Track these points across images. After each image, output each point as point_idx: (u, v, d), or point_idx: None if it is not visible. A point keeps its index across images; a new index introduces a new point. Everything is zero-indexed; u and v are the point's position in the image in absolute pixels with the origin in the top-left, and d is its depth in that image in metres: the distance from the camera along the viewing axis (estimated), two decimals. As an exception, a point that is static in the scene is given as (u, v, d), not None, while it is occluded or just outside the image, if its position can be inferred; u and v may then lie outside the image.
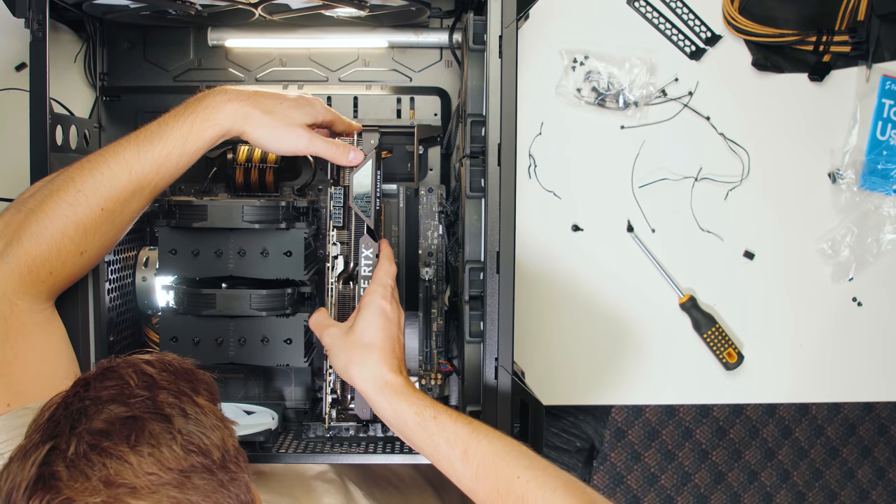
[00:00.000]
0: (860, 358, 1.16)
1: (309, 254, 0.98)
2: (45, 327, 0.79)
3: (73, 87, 1.08)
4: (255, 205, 0.92)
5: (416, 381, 1.04)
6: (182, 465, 0.54)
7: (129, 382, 0.57)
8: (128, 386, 0.57)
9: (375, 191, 0.94)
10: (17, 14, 0.86)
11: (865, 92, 1.12)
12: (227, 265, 0.94)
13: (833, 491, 2.19)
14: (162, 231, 0.94)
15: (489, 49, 0.85)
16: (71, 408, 0.56)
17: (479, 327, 0.87)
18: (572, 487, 0.69)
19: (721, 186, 1.13)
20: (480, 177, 0.87)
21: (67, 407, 0.56)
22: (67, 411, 0.56)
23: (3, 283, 0.75)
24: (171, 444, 0.54)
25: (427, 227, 1.05)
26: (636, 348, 1.14)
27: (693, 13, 1.12)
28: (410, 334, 1.01)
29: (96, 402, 0.56)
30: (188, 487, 0.54)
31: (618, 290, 1.13)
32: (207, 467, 0.55)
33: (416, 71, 1.09)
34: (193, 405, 0.58)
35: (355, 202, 0.93)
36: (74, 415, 0.55)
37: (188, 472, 0.54)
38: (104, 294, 0.92)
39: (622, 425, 2.14)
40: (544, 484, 0.70)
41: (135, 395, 0.57)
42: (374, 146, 0.93)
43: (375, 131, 0.94)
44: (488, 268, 0.86)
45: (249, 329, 0.94)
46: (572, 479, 0.71)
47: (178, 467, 0.54)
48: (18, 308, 0.76)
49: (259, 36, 1.05)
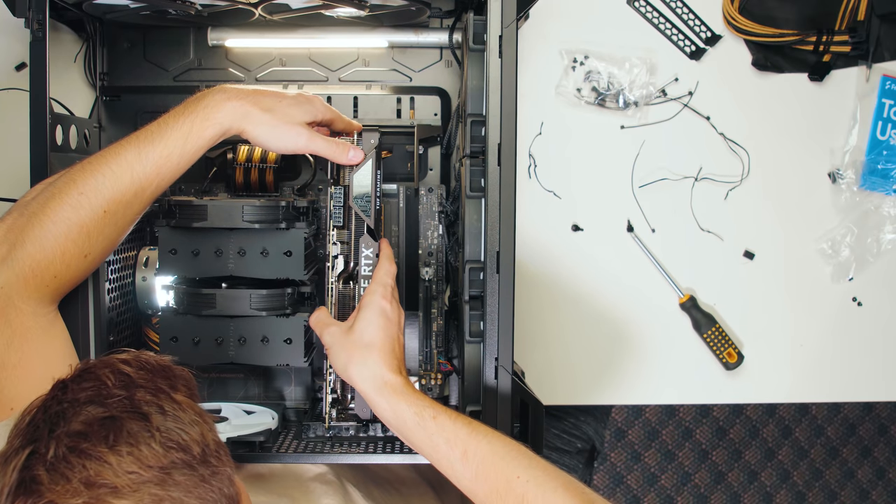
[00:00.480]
0: (860, 358, 1.15)
1: (309, 254, 0.98)
2: (48, 330, 0.79)
3: (73, 87, 1.08)
4: (255, 204, 0.92)
5: (416, 381, 1.04)
6: (162, 462, 0.54)
7: (107, 383, 0.57)
8: (105, 386, 0.57)
9: (375, 190, 0.94)
10: (17, 14, 0.86)
11: (865, 92, 1.12)
12: (227, 265, 0.94)
13: (833, 491, 2.19)
14: (162, 231, 0.94)
15: (489, 49, 0.85)
16: (49, 411, 0.56)
17: (479, 327, 0.87)
18: (572, 488, 0.69)
19: (721, 186, 1.13)
20: (480, 177, 0.87)
21: (46, 410, 0.56)
22: (46, 415, 0.56)
23: (8, 288, 0.75)
24: (149, 442, 0.54)
25: (427, 227, 1.05)
26: (636, 348, 1.14)
27: (693, 13, 1.12)
28: (410, 334, 1.00)
29: (74, 405, 0.56)
30: (169, 484, 0.54)
31: (618, 290, 1.13)
32: (188, 463, 0.56)
33: (416, 71, 1.09)
34: (171, 402, 0.58)
35: (355, 202, 0.93)
36: (53, 418, 0.55)
37: (168, 469, 0.54)
38: (104, 294, 0.92)
39: (622, 425, 2.14)
40: (544, 484, 0.70)
41: (112, 395, 0.57)
42: (374, 146, 0.93)
43: (375, 131, 0.94)
44: (488, 268, 0.85)
45: (249, 329, 0.94)
46: (572, 480, 0.71)
47: (159, 464, 0.54)
48: (22, 312, 0.76)
49: (259, 36, 1.05)
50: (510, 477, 0.71)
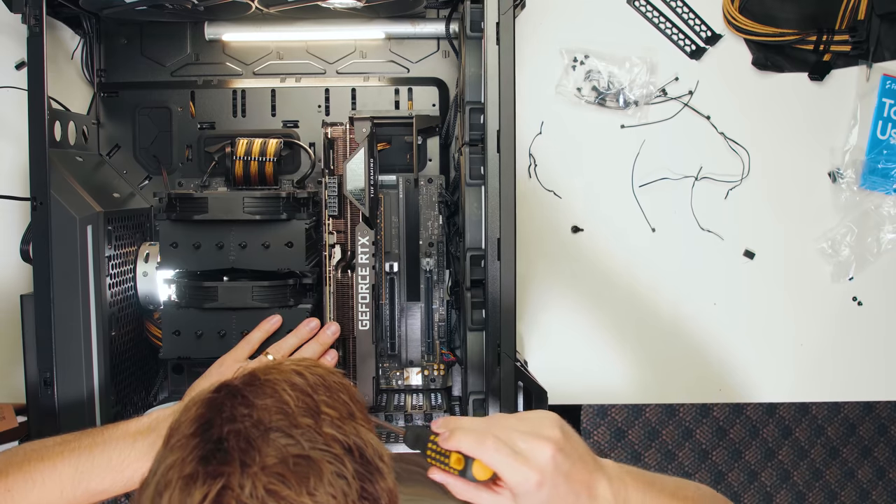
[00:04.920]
0: (860, 358, 1.15)
1: (310, 245, 0.98)
2: None
3: (71, 83, 1.07)
4: (256, 196, 0.93)
5: (419, 371, 1.05)
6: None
7: (287, 401, 0.55)
8: (286, 405, 0.55)
9: (369, 179, 0.94)
10: (13, 9, 0.86)
11: (865, 91, 1.12)
12: (228, 258, 0.94)
13: (833, 491, 2.19)
14: (163, 224, 0.94)
15: (487, 36, 0.86)
16: (231, 427, 0.53)
17: (480, 315, 0.87)
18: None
19: (721, 186, 1.13)
20: (480, 164, 0.87)
21: (225, 423, 0.53)
22: (232, 432, 0.53)
23: None
24: (346, 491, 0.52)
25: (427, 218, 1.05)
26: (636, 348, 1.14)
27: (693, 12, 1.11)
28: (413, 325, 1.01)
29: (259, 427, 0.53)
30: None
31: (617, 290, 1.13)
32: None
33: (413, 62, 1.09)
34: (358, 438, 0.56)
35: (350, 192, 0.93)
36: (241, 443, 0.52)
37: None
38: (105, 289, 0.92)
39: (622, 425, 2.14)
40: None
41: (298, 424, 0.54)
42: (365, 134, 0.94)
43: (367, 120, 0.95)
44: (489, 255, 0.86)
45: (252, 321, 0.94)
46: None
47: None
48: None
49: (256, 29, 1.05)
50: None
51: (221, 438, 0.52)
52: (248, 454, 0.51)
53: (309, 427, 0.54)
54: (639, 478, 0.68)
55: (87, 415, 0.90)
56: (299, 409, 0.55)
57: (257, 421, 0.53)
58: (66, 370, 0.88)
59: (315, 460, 0.52)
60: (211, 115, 1.09)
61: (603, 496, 0.65)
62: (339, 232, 0.97)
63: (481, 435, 0.63)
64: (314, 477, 0.51)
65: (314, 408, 0.56)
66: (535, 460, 0.62)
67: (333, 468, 0.52)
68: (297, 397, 0.55)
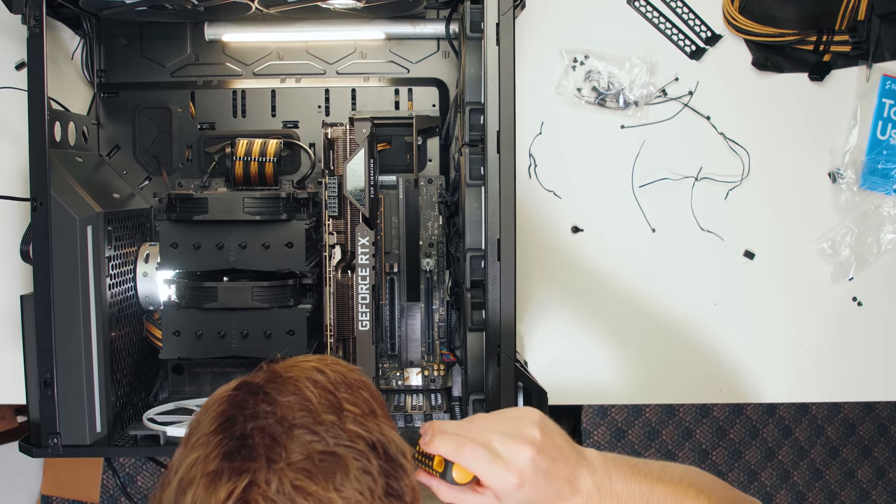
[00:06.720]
0: (860, 358, 1.15)
1: (310, 245, 0.98)
2: None
3: (71, 84, 1.08)
4: (256, 196, 0.93)
5: (419, 371, 1.05)
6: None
7: (310, 398, 0.55)
8: (309, 403, 0.55)
9: (369, 179, 0.94)
10: (13, 10, 0.86)
11: (865, 91, 1.12)
12: (228, 258, 0.94)
13: (833, 491, 2.19)
14: (163, 225, 0.94)
15: (487, 37, 0.86)
16: (255, 424, 0.53)
17: (480, 316, 0.87)
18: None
19: (721, 186, 1.13)
20: (480, 164, 0.87)
21: (248, 420, 0.53)
22: (256, 429, 0.52)
23: None
24: (372, 487, 0.52)
25: (427, 218, 1.05)
26: (636, 348, 1.14)
27: (693, 13, 1.11)
28: (413, 325, 1.00)
29: (283, 424, 0.53)
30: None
31: (617, 290, 1.13)
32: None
33: (413, 62, 1.09)
34: (381, 435, 0.56)
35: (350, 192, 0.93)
36: (266, 439, 0.52)
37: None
38: (105, 290, 0.92)
39: (622, 425, 2.14)
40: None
41: (322, 421, 0.54)
42: (365, 135, 0.94)
43: (367, 121, 0.95)
44: (489, 255, 0.86)
45: (252, 321, 0.94)
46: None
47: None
48: None
49: (256, 30, 1.05)
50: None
51: (245, 435, 0.52)
52: (274, 450, 0.51)
53: (333, 424, 0.54)
54: (623, 465, 0.69)
55: (87, 415, 0.90)
56: (322, 406, 0.55)
57: (281, 418, 0.53)
58: (66, 370, 0.88)
59: (341, 456, 0.52)
60: (211, 116, 1.09)
61: (585, 489, 0.66)
62: (339, 232, 0.97)
63: (459, 440, 0.64)
64: (340, 473, 0.51)
65: (337, 405, 0.56)
66: (514, 462, 0.63)
67: (359, 464, 0.52)
68: (319, 394, 0.55)
